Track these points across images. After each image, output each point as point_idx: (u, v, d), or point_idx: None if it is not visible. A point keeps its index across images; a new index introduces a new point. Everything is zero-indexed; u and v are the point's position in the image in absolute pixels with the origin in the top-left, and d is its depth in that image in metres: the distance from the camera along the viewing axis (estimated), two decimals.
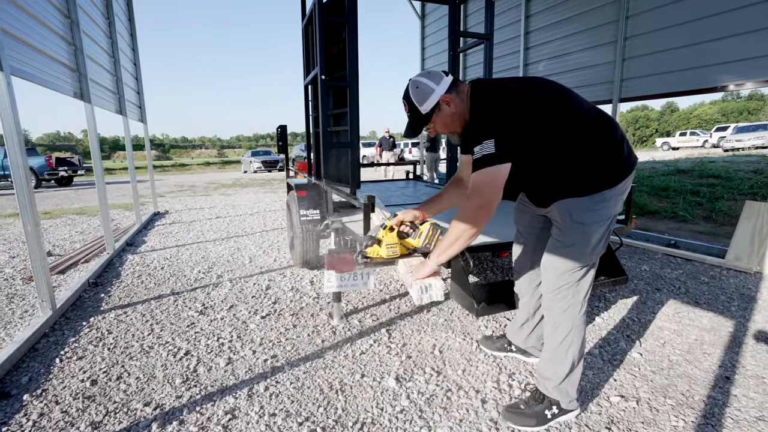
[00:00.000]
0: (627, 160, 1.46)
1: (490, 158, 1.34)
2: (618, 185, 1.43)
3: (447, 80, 1.53)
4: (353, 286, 2.24)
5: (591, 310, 2.69)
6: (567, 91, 1.49)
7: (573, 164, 1.44)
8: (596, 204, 1.44)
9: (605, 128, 1.44)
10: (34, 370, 2.09)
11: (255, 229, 5.59)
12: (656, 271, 3.46)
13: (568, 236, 1.49)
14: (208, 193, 10.95)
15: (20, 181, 2.44)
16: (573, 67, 5.18)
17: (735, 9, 3.69)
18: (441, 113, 1.54)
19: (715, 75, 3.88)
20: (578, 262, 1.49)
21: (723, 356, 2.13)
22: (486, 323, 2.53)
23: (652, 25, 4.32)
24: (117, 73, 5.26)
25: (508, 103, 1.41)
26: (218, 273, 3.60)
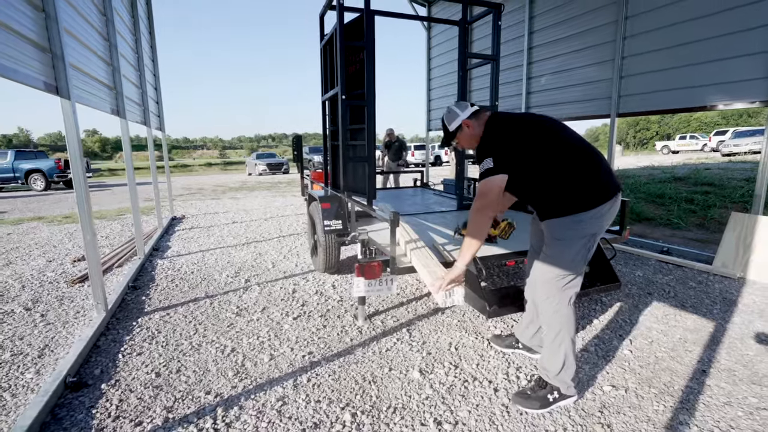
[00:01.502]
0: (605, 189, 1.80)
1: (489, 171, 1.78)
2: (594, 209, 1.77)
3: (470, 110, 2.03)
4: (378, 291, 2.56)
5: (588, 312, 3.02)
6: (563, 129, 1.85)
7: (556, 189, 1.81)
8: (574, 224, 1.80)
9: (585, 162, 1.80)
10: (102, 364, 2.41)
11: (272, 234, 5.90)
12: (649, 277, 3.78)
13: (550, 249, 1.87)
14: (217, 197, 11.25)
15: (81, 198, 2.75)
16: (574, 82, 5.49)
17: (724, 35, 4.01)
18: (462, 132, 2.04)
19: (706, 95, 4.20)
20: (560, 272, 1.84)
21: (702, 353, 2.45)
22: (495, 324, 2.86)
23: (647, 46, 4.64)
24: (142, 86, 5.58)
25: (508, 133, 1.85)
26: (245, 277, 3.91)
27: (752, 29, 3.81)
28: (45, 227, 6.71)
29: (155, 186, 6.02)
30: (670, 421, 1.89)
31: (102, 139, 59.72)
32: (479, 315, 2.98)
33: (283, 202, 9.71)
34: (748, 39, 3.85)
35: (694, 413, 1.94)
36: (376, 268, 2.44)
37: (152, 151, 6.04)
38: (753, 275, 3.68)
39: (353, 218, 3.48)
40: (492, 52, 3.84)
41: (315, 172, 5.39)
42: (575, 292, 1.88)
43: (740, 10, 3.88)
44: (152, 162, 6.11)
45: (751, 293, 3.35)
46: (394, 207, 4.16)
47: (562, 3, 5.58)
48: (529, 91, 6.20)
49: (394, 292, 2.60)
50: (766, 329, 2.72)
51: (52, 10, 2.51)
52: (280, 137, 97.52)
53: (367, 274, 2.44)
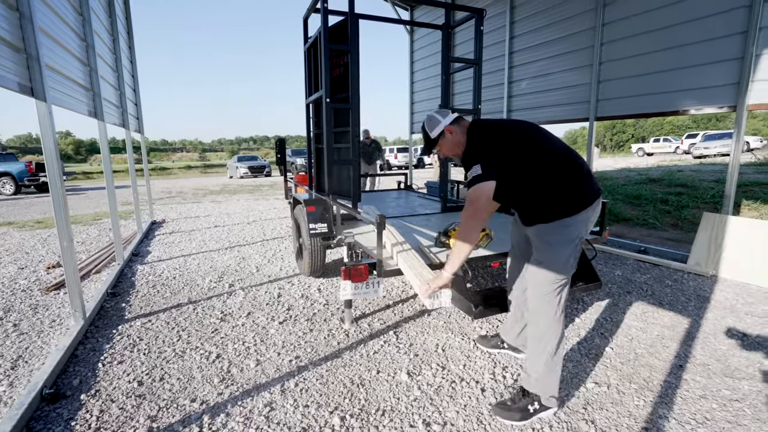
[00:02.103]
0: (587, 193, 1.85)
1: (477, 178, 1.79)
2: (579, 214, 1.82)
3: (452, 116, 2.04)
4: (365, 294, 2.57)
5: (570, 311, 3.09)
6: (543, 134, 1.89)
7: (543, 195, 1.84)
8: (560, 229, 1.83)
9: (569, 167, 1.83)
10: (81, 374, 2.34)
11: (255, 238, 5.83)
12: (628, 276, 3.90)
13: (541, 254, 1.89)
14: (198, 200, 11.05)
15: (58, 202, 2.67)
16: (554, 86, 5.63)
17: (694, 43, 4.18)
18: (444, 139, 2.03)
19: (678, 100, 4.37)
20: (552, 276, 1.86)
21: (678, 348, 2.55)
22: (481, 325, 2.90)
23: (623, 52, 4.80)
24: (120, 87, 5.44)
25: (492, 139, 1.87)
26: (229, 282, 3.86)
27: (721, 38, 3.99)
28: (16, 233, 6.46)
29: (134, 189, 5.88)
30: (650, 415, 1.95)
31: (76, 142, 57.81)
32: (465, 316, 3.02)
33: (266, 205, 9.61)
34: (716, 47, 4.03)
35: (672, 407, 2.01)
36: (363, 271, 2.44)
37: (131, 154, 5.90)
38: (724, 273, 3.84)
39: (338, 221, 3.48)
40: (474, 56, 3.91)
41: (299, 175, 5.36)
42: (566, 294, 1.90)
43: (709, 19, 4.06)
44: (131, 165, 5.96)
45: (722, 290, 3.49)
46: (379, 210, 4.18)
47: (542, 9, 5.72)
48: (511, 95, 6.33)
49: (380, 294, 2.61)
50: (738, 325, 2.84)
51: (26, 10, 2.44)
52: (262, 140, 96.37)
53: (354, 277, 2.44)
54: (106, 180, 4.35)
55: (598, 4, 4.97)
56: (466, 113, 4.01)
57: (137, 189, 5.96)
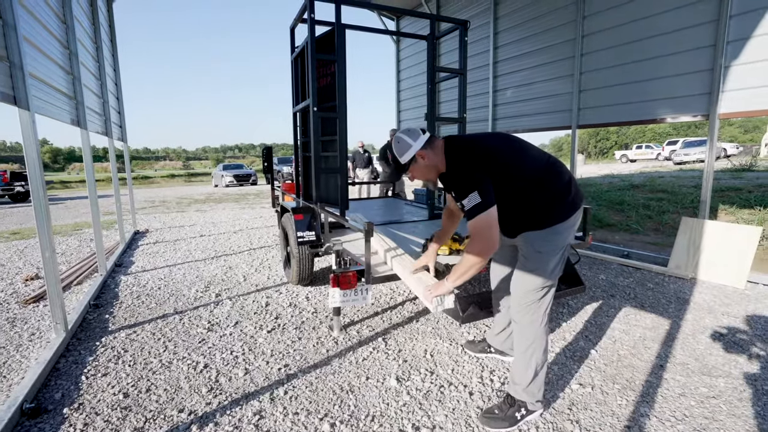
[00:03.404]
0: (574, 199, 1.90)
1: (479, 207, 1.72)
2: (568, 220, 1.87)
3: (423, 138, 1.92)
4: (354, 301, 2.60)
5: (556, 315, 3.17)
6: (523, 145, 1.92)
7: (531, 204, 1.86)
8: (551, 236, 1.86)
9: (554, 175, 1.88)
10: (63, 387, 2.31)
11: (242, 247, 5.82)
12: (611, 280, 4.01)
13: (530, 262, 1.91)
14: (182, 210, 10.93)
15: (40, 211, 2.65)
16: (538, 95, 5.80)
17: (669, 54, 4.38)
18: (416, 164, 1.93)
19: (655, 109, 4.55)
20: (539, 284, 1.90)
21: (660, 349, 2.64)
22: (468, 330, 2.95)
23: (602, 62, 4.99)
24: (104, 95, 5.41)
25: (479, 159, 1.83)
26: (216, 292, 3.85)
27: (691, 50, 4.19)
28: None
29: (117, 198, 5.81)
30: (632, 414, 2.03)
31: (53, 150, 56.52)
32: (453, 321, 3.07)
33: (252, 214, 9.56)
34: (688, 59, 4.23)
35: (653, 405, 2.09)
36: (352, 279, 2.48)
37: (114, 162, 5.84)
38: (702, 275, 3.98)
39: (326, 229, 3.51)
40: (459, 66, 4.02)
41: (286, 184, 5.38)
42: (551, 302, 1.94)
43: (680, 32, 4.26)
44: (114, 173, 5.90)
45: (701, 292, 3.62)
46: (367, 217, 4.23)
47: (525, 20, 5.91)
48: (496, 103, 6.48)
49: (369, 301, 2.65)
50: (714, 325, 2.96)
51: (10, 18, 2.44)
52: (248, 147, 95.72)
53: (343, 284, 2.48)
54: (88, 189, 4.30)
55: (577, 17, 5.17)
56: (452, 122, 4.11)
57: (120, 198, 5.89)
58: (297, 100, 4.26)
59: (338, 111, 3.47)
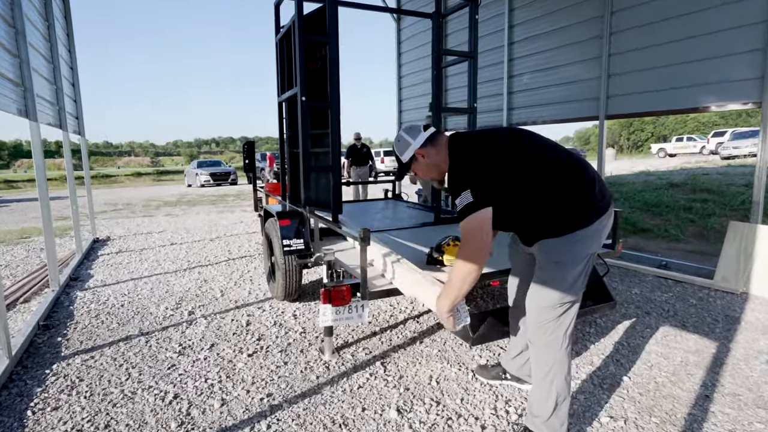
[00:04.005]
0: (600, 201, 1.91)
1: (470, 207, 1.77)
2: (592, 225, 1.87)
3: (423, 135, 2.02)
4: (348, 319, 2.61)
5: (581, 336, 3.18)
6: (539, 141, 1.94)
7: (548, 208, 1.87)
8: (571, 244, 1.87)
9: (576, 173, 1.89)
10: (5, 425, 2.30)
11: (219, 257, 5.84)
12: (647, 294, 4.02)
13: (547, 274, 1.92)
14: (150, 214, 10.97)
15: None
16: (559, 81, 5.83)
17: (715, 32, 4.39)
18: (417, 163, 2.05)
19: (697, 95, 4.57)
20: (557, 299, 1.89)
21: (705, 376, 2.64)
22: (480, 352, 2.95)
23: (635, 43, 5.01)
24: (57, 82, 5.44)
25: (481, 156, 1.86)
26: (189, 309, 3.86)
27: (743, 26, 4.19)
28: None
29: (73, 201, 5.83)
30: None
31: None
32: (462, 343, 3.08)
33: (231, 218, 9.59)
34: (740, 36, 4.22)
35: None
36: (345, 293, 2.49)
37: (69, 159, 5.87)
38: (756, 290, 3.98)
39: (317, 236, 3.53)
40: (469, 48, 4.05)
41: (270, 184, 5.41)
42: (572, 321, 1.94)
43: (732, 6, 4.25)
44: (69, 172, 5.92)
45: (754, 309, 3.63)
46: (363, 222, 4.24)
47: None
48: (511, 91, 6.52)
49: (365, 320, 2.66)
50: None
51: None
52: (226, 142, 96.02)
53: (335, 300, 2.48)
54: (38, 190, 4.29)
55: None
56: (461, 112, 4.13)
57: (76, 200, 5.91)
58: (283, 88, 4.28)
59: (330, 101, 3.49)
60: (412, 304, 3.86)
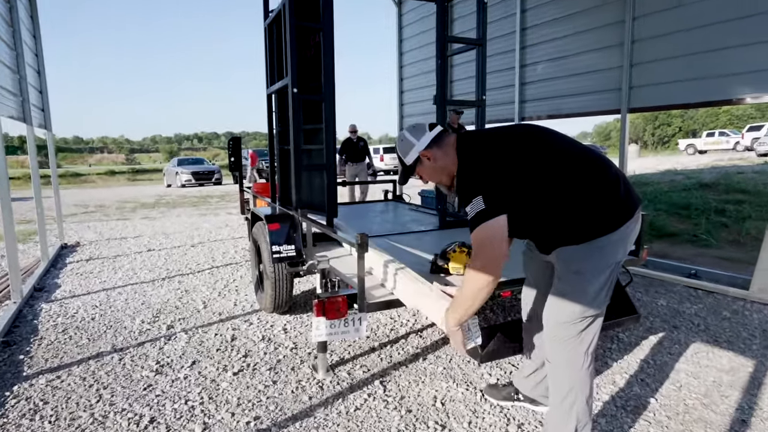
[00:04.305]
0: (625, 204, 1.89)
1: (482, 215, 1.75)
2: (616, 231, 1.85)
3: (429, 135, 2.01)
4: (344, 333, 2.62)
5: (603, 353, 3.18)
6: (556, 137, 1.94)
7: (567, 212, 1.86)
8: (593, 252, 1.85)
9: (598, 172, 1.87)
10: None
11: (202, 265, 5.85)
12: (674, 306, 4.02)
13: (566, 285, 1.91)
14: (125, 216, 10.98)
15: None
16: (577, 70, 5.85)
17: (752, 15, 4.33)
18: (422, 166, 2.04)
19: (732, 86, 4.55)
20: (578, 313, 1.88)
21: (740, 398, 2.63)
22: (490, 370, 2.96)
23: (661, 27, 5.01)
24: (20, 70, 5.43)
25: (493, 157, 1.86)
26: (167, 323, 3.86)
27: None
28: None
29: (38, 202, 5.83)
30: None
31: None
32: (469, 360, 3.07)
33: (215, 222, 9.61)
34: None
35: None
36: (341, 305, 2.49)
37: (34, 156, 5.87)
38: None
39: (309, 242, 3.54)
40: (477, 35, 4.07)
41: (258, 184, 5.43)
42: (595, 338, 1.93)
43: None
44: (34, 170, 5.92)
45: None
46: (361, 226, 4.24)
47: None
48: (524, 82, 6.54)
49: (363, 334, 2.66)
50: None
51: None
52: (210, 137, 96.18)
53: (330, 312, 2.48)
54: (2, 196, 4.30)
55: None
56: (468, 105, 4.15)
57: (42, 201, 5.91)
58: (272, 78, 4.29)
59: (324, 92, 3.50)
60: (414, 317, 3.86)
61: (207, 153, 56.32)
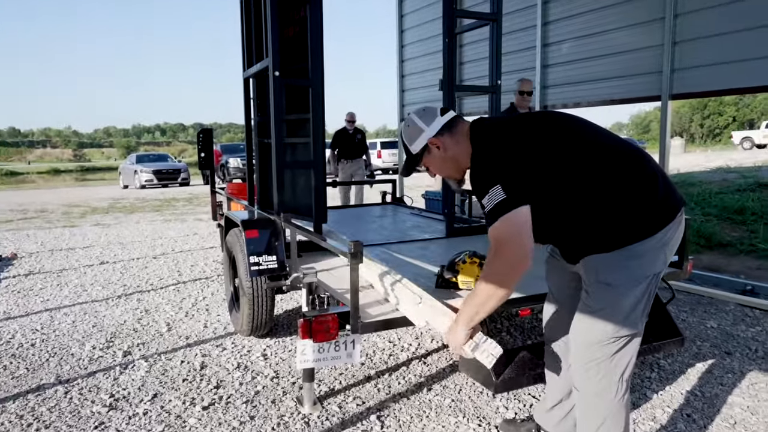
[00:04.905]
0: (664, 204, 1.91)
1: (502, 205, 1.75)
2: (654, 236, 1.86)
3: (440, 120, 2.03)
4: (334, 359, 2.63)
5: (640, 381, 3.21)
6: (583, 127, 1.97)
7: (594, 211, 1.88)
8: (626, 260, 1.87)
9: (631, 170, 1.89)
10: None
11: (165, 280, 5.87)
12: (726, 329, 4.06)
13: (595, 300, 1.93)
14: (73, 223, 10.99)
15: None
16: (609, 50, 5.89)
17: None
18: (431, 156, 2.06)
19: None
20: (609, 332, 1.90)
21: None
22: (506, 403, 2.98)
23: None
24: None
25: (512, 142, 1.89)
26: (124, 348, 3.88)
27: None
28: None
29: None
30: None
31: None
32: (482, 389, 3.10)
33: (182, 229, 9.64)
34: None
35: None
36: (330, 325, 2.49)
37: None
38: None
39: (294, 252, 3.56)
40: (491, 9, 4.11)
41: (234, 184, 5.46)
42: (631, 362, 1.94)
43: None
44: None
45: None
46: (355, 234, 4.27)
47: None
48: (546, 64, 6.60)
49: (357, 360, 2.67)
50: None
51: None
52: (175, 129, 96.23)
53: (317, 333, 2.49)
54: None
55: None
56: (480, 91, 4.19)
57: None
58: (249, 60, 4.32)
59: (311, 77, 3.54)
60: (418, 340, 3.90)
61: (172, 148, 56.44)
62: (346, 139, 9.24)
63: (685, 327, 4.06)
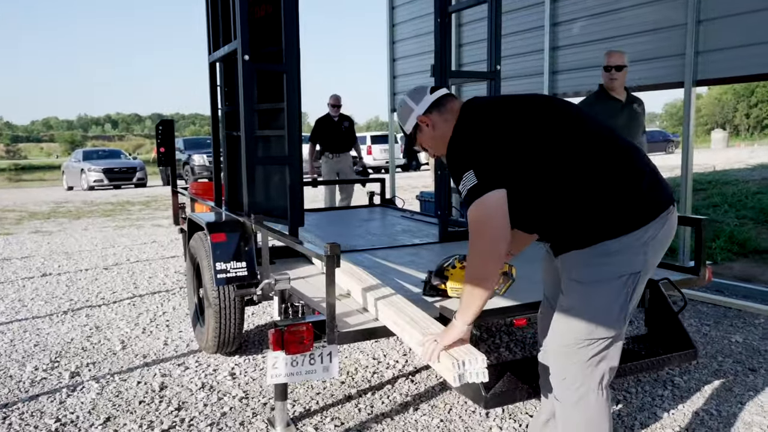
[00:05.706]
0: (646, 201, 2.04)
1: (475, 190, 1.92)
2: (632, 233, 1.99)
3: (428, 98, 2.24)
4: (309, 373, 2.74)
5: (651, 400, 3.37)
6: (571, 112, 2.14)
7: (570, 204, 2.03)
8: (597, 257, 2.01)
9: (614, 161, 2.05)
10: None
11: (119, 294, 5.96)
12: (753, 344, 4.21)
13: (567, 298, 2.09)
14: (7, 230, 11.01)
15: None
16: (626, 31, 6.03)
17: None
18: (422, 134, 2.28)
19: None
20: (583, 333, 2.03)
21: None
22: (499, 420, 3.11)
23: None
24: None
25: (488, 124, 2.08)
26: (71, 369, 3.98)
27: None
28: None
29: None
30: None
31: None
32: (472, 406, 3.24)
33: (138, 237, 9.69)
34: None
35: None
36: (305, 335, 2.59)
37: None
38: None
39: (266, 258, 3.63)
40: None
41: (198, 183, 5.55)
42: (611, 369, 2.08)
43: None
44: None
45: None
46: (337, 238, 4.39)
47: None
48: (555, 46, 6.72)
49: (334, 373, 2.77)
50: None
51: None
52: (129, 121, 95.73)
53: (290, 345, 2.55)
54: None
55: None
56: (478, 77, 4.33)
57: None
58: (215, 42, 4.40)
59: (286, 61, 3.64)
60: (405, 356, 4.04)
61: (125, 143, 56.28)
62: (330, 128, 8.86)
63: (707, 341, 4.20)
